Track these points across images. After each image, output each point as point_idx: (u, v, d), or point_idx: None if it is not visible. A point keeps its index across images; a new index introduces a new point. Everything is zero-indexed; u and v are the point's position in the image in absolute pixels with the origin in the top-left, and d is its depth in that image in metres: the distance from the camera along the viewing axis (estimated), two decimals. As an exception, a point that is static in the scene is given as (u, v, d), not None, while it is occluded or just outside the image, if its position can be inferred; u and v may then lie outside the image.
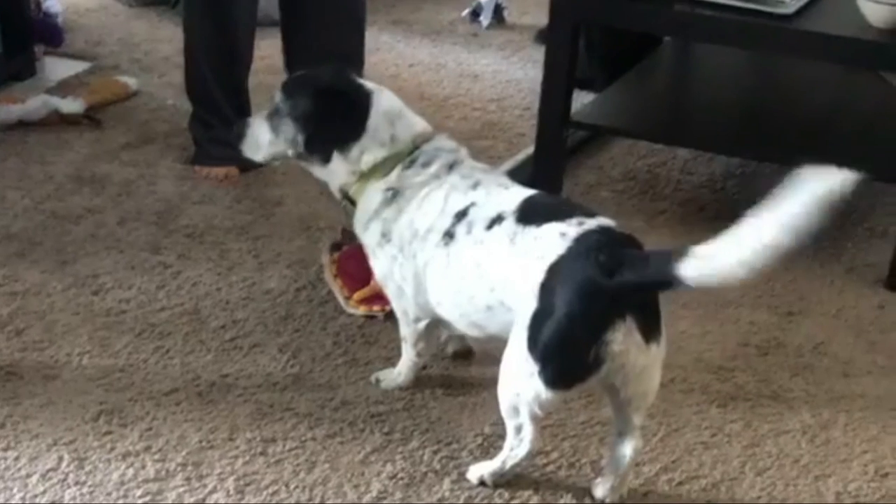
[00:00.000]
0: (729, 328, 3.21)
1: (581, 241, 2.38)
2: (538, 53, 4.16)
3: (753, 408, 2.90)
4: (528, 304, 2.38)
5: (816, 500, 2.62)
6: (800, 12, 3.44)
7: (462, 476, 2.59)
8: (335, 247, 3.28)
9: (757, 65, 4.42)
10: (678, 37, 4.30)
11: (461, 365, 2.98)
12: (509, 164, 3.97)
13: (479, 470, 2.57)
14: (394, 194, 2.71)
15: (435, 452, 2.67)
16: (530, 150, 3.86)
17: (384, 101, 2.78)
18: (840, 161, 3.62)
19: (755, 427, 2.83)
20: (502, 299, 2.50)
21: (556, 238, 2.40)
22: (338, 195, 2.82)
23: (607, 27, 4.42)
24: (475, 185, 2.65)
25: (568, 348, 2.35)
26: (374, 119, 2.74)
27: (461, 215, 2.60)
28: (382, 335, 3.06)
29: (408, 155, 2.73)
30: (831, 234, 3.74)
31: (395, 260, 2.72)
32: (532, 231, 2.46)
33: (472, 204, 2.60)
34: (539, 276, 2.37)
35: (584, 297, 2.32)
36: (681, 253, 2.26)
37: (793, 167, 3.88)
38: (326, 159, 2.76)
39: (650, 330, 2.37)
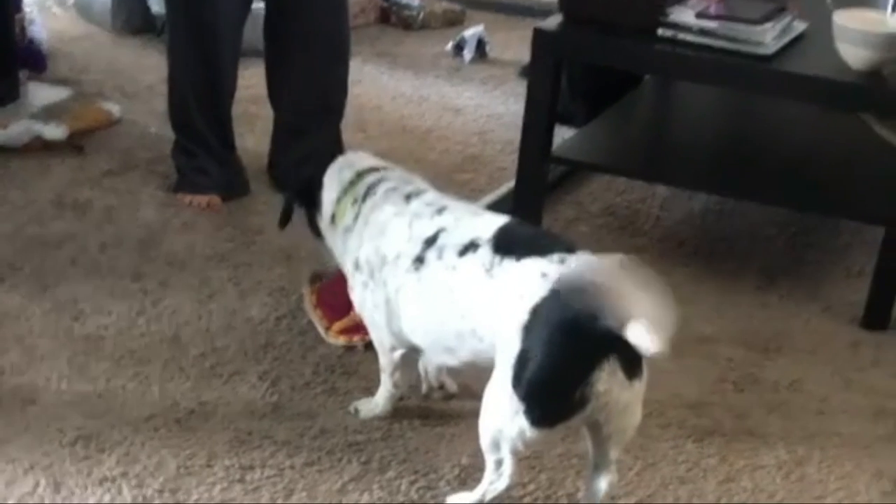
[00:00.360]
0: (706, 364, 3.23)
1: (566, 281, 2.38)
2: (520, 88, 4.19)
3: (729, 443, 2.92)
4: (511, 344, 2.39)
5: (790, 536, 2.64)
6: (779, 53, 3.47)
7: (439, 506, 2.61)
8: (315, 277, 3.29)
9: (736, 104, 4.46)
10: (659, 75, 4.34)
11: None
12: (490, 197, 3.99)
13: (457, 500, 2.57)
14: (347, 229, 2.82)
15: (412, 482, 2.68)
16: (511, 184, 3.88)
17: (340, 160, 2.94)
18: (817, 200, 3.68)
19: (731, 462, 2.85)
20: (473, 328, 2.52)
21: (537, 277, 2.40)
22: None
23: (589, 64, 4.45)
24: (440, 211, 2.69)
25: (554, 389, 2.36)
26: (329, 175, 2.91)
27: (431, 241, 2.63)
28: (362, 366, 3.07)
29: (353, 187, 2.84)
30: (808, 273, 3.78)
31: (367, 287, 2.76)
32: (511, 265, 2.47)
33: (442, 229, 2.63)
34: (522, 316, 2.38)
35: (569, 340, 2.33)
36: None
37: (770, 204, 3.94)
38: (315, 229, 2.96)
39: (633, 367, 2.37)
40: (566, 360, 2.34)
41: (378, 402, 2.88)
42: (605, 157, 3.95)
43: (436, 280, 2.59)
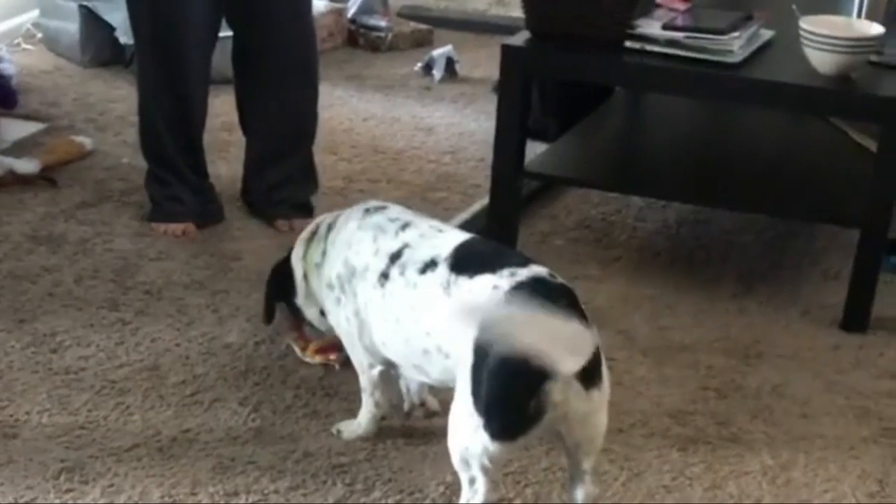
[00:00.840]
0: (687, 373, 3.23)
1: (512, 295, 2.40)
2: (491, 105, 4.20)
3: (714, 450, 2.92)
4: (466, 360, 2.40)
5: (778, 540, 2.64)
6: (747, 61, 3.49)
7: (426, 525, 2.60)
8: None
9: (707, 113, 4.47)
10: (628, 87, 4.35)
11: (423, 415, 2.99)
12: (465, 215, 3.99)
13: (440, 521, 2.57)
14: (318, 265, 2.86)
15: (398, 503, 2.67)
16: (485, 200, 3.89)
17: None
18: (792, 205, 3.70)
19: (716, 469, 2.85)
20: (439, 345, 2.54)
21: (488, 291, 2.42)
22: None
23: (558, 79, 4.46)
24: (404, 227, 2.72)
25: (508, 402, 2.36)
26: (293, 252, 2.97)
27: (395, 257, 2.66)
28: (343, 387, 3.06)
29: (314, 235, 2.91)
30: (786, 278, 3.79)
31: (339, 302, 2.78)
32: (465, 283, 2.49)
33: (406, 246, 2.66)
34: (473, 331, 2.38)
35: (517, 354, 2.32)
36: None
37: (745, 211, 3.96)
38: (298, 315, 3.01)
39: (590, 377, 2.36)
40: (516, 373, 2.32)
41: (360, 422, 2.88)
42: (578, 171, 3.96)
43: (399, 297, 2.62)
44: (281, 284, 3.00)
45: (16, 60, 5.13)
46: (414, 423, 2.95)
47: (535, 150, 4.03)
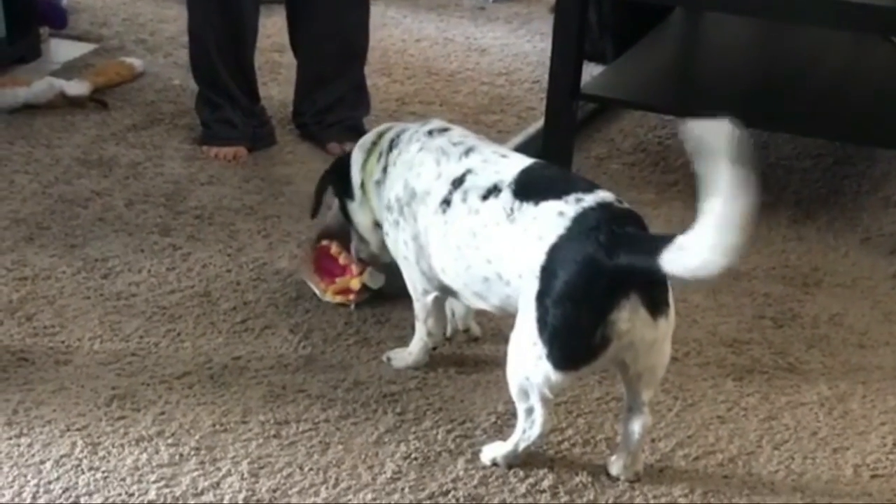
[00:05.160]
0: (744, 301, 3.19)
1: (579, 220, 2.35)
2: (546, 26, 4.14)
3: (770, 381, 2.88)
4: (530, 287, 2.37)
5: (835, 473, 2.60)
6: (809, -21, 3.41)
7: (476, 455, 2.57)
8: (324, 235, 3.17)
9: (767, 33, 4.39)
10: (688, 6, 4.27)
11: (473, 343, 2.96)
12: (519, 138, 3.94)
13: (492, 451, 2.55)
14: (378, 183, 2.79)
15: (448, 432, 2.65)
16: (540, 123, 3.84)
17: (363, 137, 2.93)
18: (852, 129, 3.62)
19: (772, 400, 2.81)
20: (499, 272, 2.50)
21: (554, 218, 2.37)
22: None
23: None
24: (468, 152, 2.65)
25: (574, 331, 2.33)
26: (353, 151, 2.91)
27: (458, 182, 2.59)
28: (394, 314, 3.04)
29: (375, 147, 2.82)
30: (845, 205, 3.72)
31: (398, 225, 2.73)
32: (530, 209, 2.44)
33: (469, 171, 2.60)
34: (540, 258, 2.35)
35: (585, 279, 2.30)
36: (667, 242, 2.21)
37: (804, 135, 3.88)
38: (346, 214, 2.95)
39: (657, 305, 2.34)
40: (583, 301, 2.31)
41: (412, 351, 2.86)
42: (634, 93, 3.89)
43: (460, 224, 2.57)
44: (341, 181, 2.92)
45: (66, -20, 5.11)
46: (464, 352, 2.93)
47: (591, 72, 3.97)
